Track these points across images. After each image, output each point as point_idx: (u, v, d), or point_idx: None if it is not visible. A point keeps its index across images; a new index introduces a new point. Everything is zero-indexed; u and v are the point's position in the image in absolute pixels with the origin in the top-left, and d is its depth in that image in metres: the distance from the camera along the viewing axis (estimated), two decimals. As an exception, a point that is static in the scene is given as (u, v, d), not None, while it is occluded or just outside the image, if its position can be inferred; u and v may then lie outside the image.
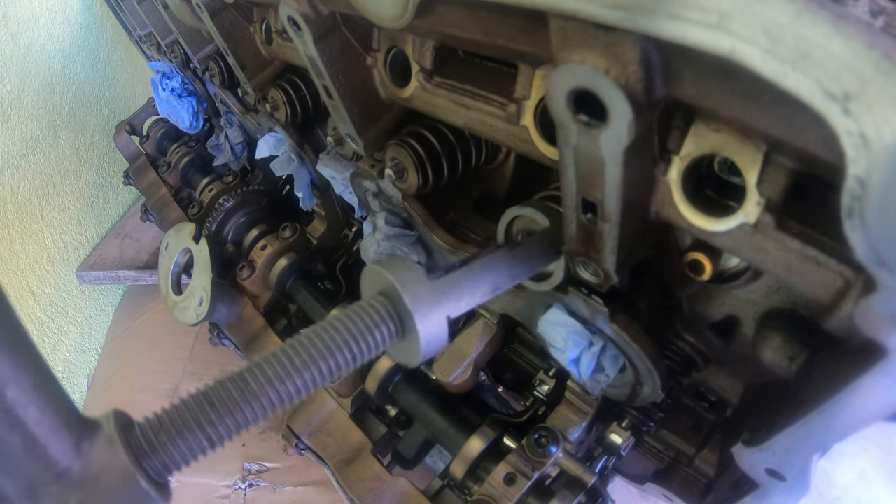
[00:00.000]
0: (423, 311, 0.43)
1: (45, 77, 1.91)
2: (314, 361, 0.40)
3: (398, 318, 0.44)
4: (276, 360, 0.40)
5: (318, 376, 0.40)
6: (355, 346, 0.42)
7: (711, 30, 0.29)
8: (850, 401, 0.40)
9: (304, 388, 0.40)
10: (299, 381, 0.40)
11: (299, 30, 0.64)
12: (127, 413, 0.40)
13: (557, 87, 0.39)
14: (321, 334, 0.41)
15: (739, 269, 0.61)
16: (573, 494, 0.76)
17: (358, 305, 0.44)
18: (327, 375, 0.41)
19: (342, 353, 0.41)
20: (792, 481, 0.54)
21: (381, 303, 0.44)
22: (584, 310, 0.65)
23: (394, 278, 0.43)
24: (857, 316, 0.35)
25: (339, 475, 0.95)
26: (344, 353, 0.41)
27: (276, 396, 0.39)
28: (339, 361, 0.41)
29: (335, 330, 0.42)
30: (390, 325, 0.43)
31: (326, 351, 0.41)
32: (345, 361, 0.41)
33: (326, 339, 0.41)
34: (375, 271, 0.45)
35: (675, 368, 0.74)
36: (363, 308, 0.43)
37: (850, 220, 0.30)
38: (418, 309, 0.42)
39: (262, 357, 0.41)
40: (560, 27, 0.37)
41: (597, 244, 0.52)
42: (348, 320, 0.42)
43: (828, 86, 0.27)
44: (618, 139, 0.38)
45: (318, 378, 0.40)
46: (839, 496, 1.32)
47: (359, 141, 0.77)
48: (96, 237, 2.14)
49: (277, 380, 0.39)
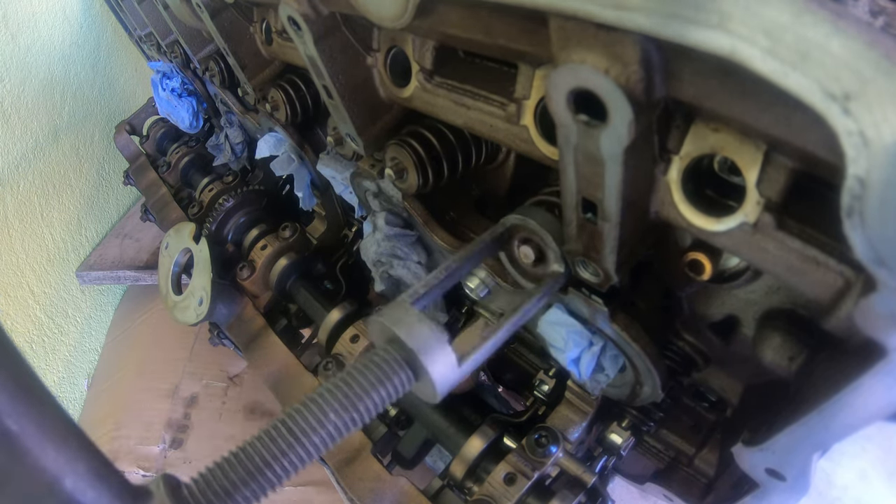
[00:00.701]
0: (430, 354, 0.45)
1: (45, 77, 1.91)
2: (338, 414, 0.43)
3: (408, 364, 0.45)
4: (305, 411, 0.43)
5: (343, 426, 0.43)
6: (375, 394, 0.44)
7: (712, 30, 0.29)
8: (850, 400, 0.40)
9: (331, 439, 0.43)
10: (324, 434, 0.42)
11: (299, 30, 0.64)
12: (174, 476, 0.41)
13: (557, 86, 0.39)
14: (342, 387, 0.44)
15: (739, 268, 0.61)
16: (573, 494, 0.76)
17: (370, 357, 0.46)
18: (352, 424, 0.43)
19: (363, 403, 0.43)
20: (792, 481, 0.54)
21: (390, 352, 0.46)
22: (584, 309, 0.65)
23: (397, 329, 0.45)
24: (857, 316, 0.35)
25: (339, 475, 0.95)
26: (365, 402, 0.43)
27: (305, 451, 0.42)
28: (361, 411, 0.43)
29: (353, 380, 0.44)
30: (403, 373, 0.45)
31: (349, 404, 0.43)
32: (367, 410, 0.44)
33: (347, 392, 0.43)
34: (380, 324, 0.47)
35: (675, 368, 0.74)
36: (374, 360, 0.45)
37: (850, 220, 0.30)
38: (425, 354, 0.44)
39: (289, 410, 0.43)
40: (560, 27, 0.37)
41: (597, 244, 0.52)
42: (367, 369, 0.45)
43: (828, 86, 0.27)
44: (618, 139, 0.38)
45: (343, 428, 0.43)
46: (839, 496, 1.32)
47: (359, 141, 0.77)
48: (96, 237, 2.15)
49: (310, 431, 0.42)
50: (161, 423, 1.58)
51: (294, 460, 0.41)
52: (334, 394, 0.43)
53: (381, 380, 0.44)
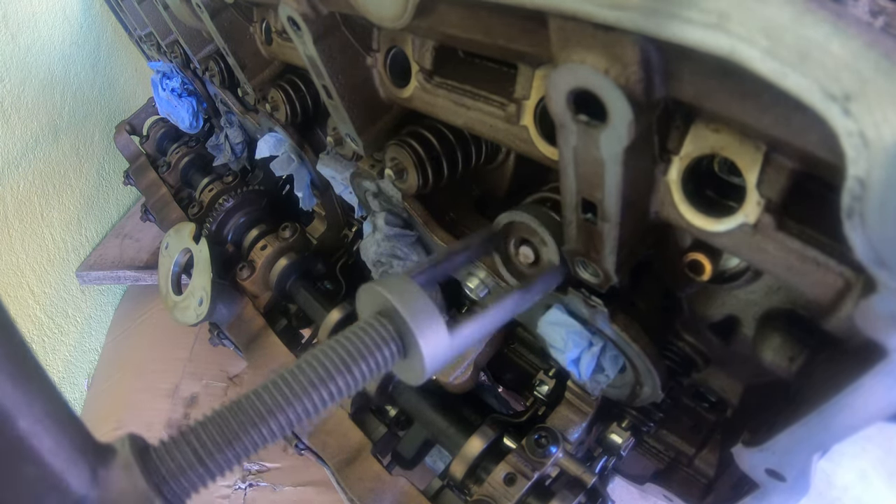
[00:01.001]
0: (424, 328, 0.42)
1: (45, 77, 1.91)
2: (315, 386, 0.40)
3: (399, 337, 0.43)
4: (281, 383, 0.40)
5: (319, 401, 0.40)
6: (356, 368, 0.41)
7: (711, 30, 0.29)
8: (851, 401, 0.40)
9: (307, 412, 0.40)
10: (300, 407, 0.40)
11: (299, 30, 0.64)
12: (142, 436, 0.39)
13: (557, 87, 0.39)
14: (321, 358, 0.41)
15: (739, 269, 0.61)
16: (573, 494, 0.76)
17: (358, 326, 0.43)
18: (329, 399, 0.41)
19: (344, 377, 0.41)
20: (792, 481, 0.54)
21: (382, 323, 0.43)
22: (583, 310, 0.65)
23: (393, 297, 0.42)
24: (857, 316, 0.35)
25: (339, 475, 0.95)
26: (345, 377, 0.41)
27: (285, 419, 0.40)
28: (340, 385, 0.41)
29: (335, 352, 0.41)
30: (392, 345, 0.43)
31: (326, 376, 0.41)
32: (346, 385, 0.41)
33: (327, 364, 0.41)
34: (375, 293, 0.44)
35: (675, 369, 0.74)
36: (364, 329, 0.43)
37: (850, 221, 0.30)
38: (419, 326, 0.42)
39: (269, 380, 0.41)
40: (560, 27, 0.37)
41: (597, 244, 0.52)
42: (349, 342, 0.42)
43: (827, 86, 0.27)
44: (618, 139, 0.38)
45: (320, 403, 0.40)
46: (839, 497, 1.32)
47: (359, 141, 0.77)
48: (96, 237, 2.15)
49: (285, 403, 0.40)
50: (161, 423, 1.58)
51: (273, 429, 0.39)
52: (314, 366, 0.40)
53: (370, 350, 0.41)
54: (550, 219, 0.59)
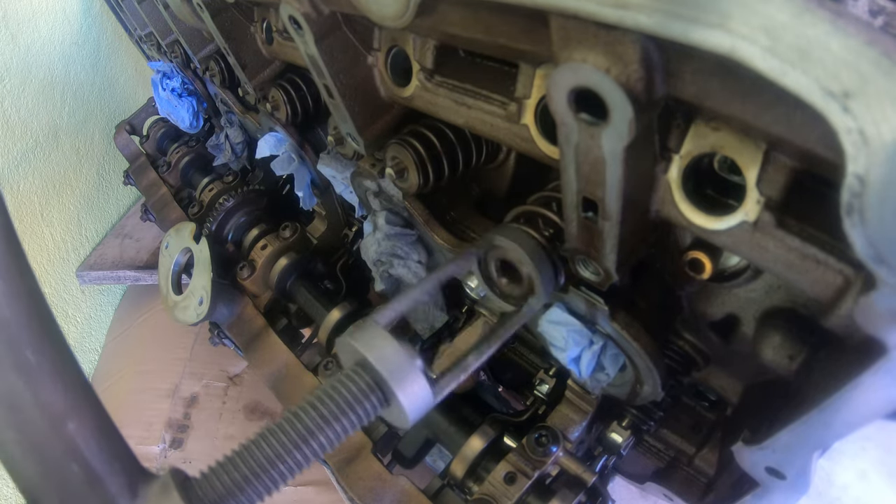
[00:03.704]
0: (400, 377, 0.43)
1: (45, 77, 1.91)
2: (314, 434, 0.43)
3: (378, 388, 0.44)
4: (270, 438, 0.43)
5: (303, 459, 0.43)
6: (345, 419, 0.43)
7: (712, 28, 0.29)
8: (851, 398, 0.40)
9: (291, 470, 0.43)
10: (300, 455, 0.43)
11: (300, 29, 0.64)
12: (183, 471, 0.42)
13: (558, 86, 0.39)
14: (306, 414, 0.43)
15: (739, 267, 0.62)
16: (573, 493, 0.76)
17: (338, 380, 0.44)
18: (327, 446, 0.43)
19: (332, 428, 0.43)
20: (792, 480, 0.55)
21: (360, 376, 0.44)
22: (584, 309, 0.65)
23: (366, 351, 0.43)
24: (857, 313, 0.35)
25: (339, 474, 0.95)
26: (334, 428, 0.43)
27: (287, 467, 0.43)
28: (330, 436, 0.43)
29: (323, 405, 0.44)
30: (372, 397, 0.44)
31: (316, 428, 0.43)
32: (336, 435, 0.43)
33: (322, 412, 0.43)
34: (350, 346, 0.45)
35: (675, 367, 0.74)
36: (343, 383, 0.44)
37: (850, 218, 0.30)
38: (395, 377, 0.43)
39: (263, 433, 0.43)
40: (561, 26, 0.37)
41: (597, 243, 0.52)
42: (331, 397, 0.44)
43: (827, 84, 0.27)
44: (619, 138, 0.38)
45: (304, 461, 0.43)
46: (839, 496, 1.32)
47: (359, 140, 0.77)
48: (96, 237, 2.15)
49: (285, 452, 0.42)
50: (161, 423, 1.58)
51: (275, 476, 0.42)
52: (296, 422, 0.43)
53: (350, 405, 0.43)
54: (529, 241, 0.59)
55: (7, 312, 0.36)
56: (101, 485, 0.38)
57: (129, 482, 0.39)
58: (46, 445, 0.36)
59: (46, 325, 0.39)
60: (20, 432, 0.36)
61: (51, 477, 0.36)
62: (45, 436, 0.36)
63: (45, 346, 0.38)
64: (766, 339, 0.57)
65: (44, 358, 0.37)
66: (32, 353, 0.37)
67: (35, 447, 0.36)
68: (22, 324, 0.37)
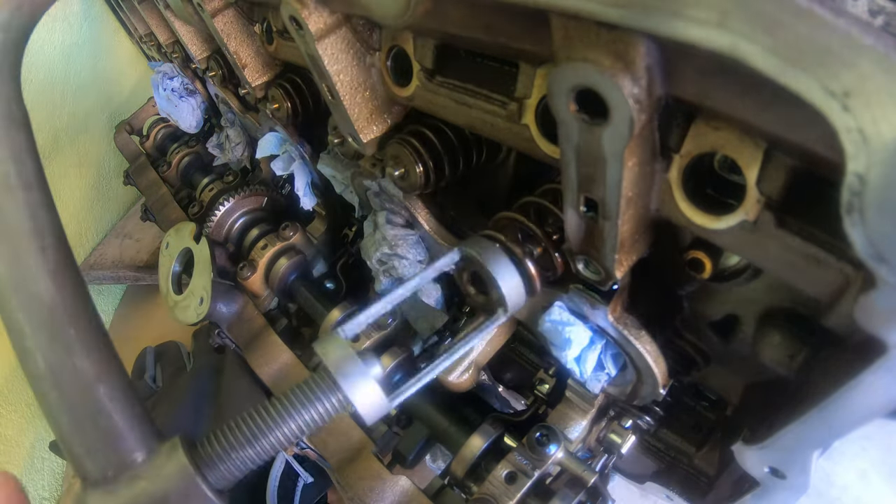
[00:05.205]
0: (352, 383, 0.49)
1: (45, 77, 1.91)
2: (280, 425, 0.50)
3: (338, 390, 0.50)
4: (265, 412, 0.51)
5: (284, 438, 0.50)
6: (307, 414, 0.50)
7: (712, 27, 0.29)
8: (851, 397, 0.40)
9: (286, 439, 0.50)
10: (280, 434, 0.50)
11: (301, 29, 0.64)
12: (190, 435, 0.50)
13: (559, 85, 0.39)
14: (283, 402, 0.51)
15: (739, 267, 0.62)
16: (574, 493, 0.76)
17: (305, 380, 0.52)
18: (299, 433, 0.50)
19: (301, 418, 0.50)
20: (792, 479, 0.55)
21: (322, 378, 0.51)
22: (584, 308, 0.65)
23: (325, 359, 0.50)
24: (857, 312, 0.35)
25: (339, 474, 0.96)
26: (297, 422, 0.50)
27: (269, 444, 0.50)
28: (300, 424, 0.50)
29: (293, 398, 0.51)
30: (332, 397, 0.50)
31: (288, 416, 0.50)
32: (298, 429, 0.50)
33: (288, 407, 0.50)
34: (316, 353, 0.53)
35: (675, 367, 0.74)
36: (307, 383, 0.51)
37: (850, 217, 0.30)
38: (347, 383, 0.49)
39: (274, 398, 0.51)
40: (562, 25, 0.38)
41: (597, 242, 0.52)
42: (296, 394, 0.51)
43: (827, 83, 0.27)
44: (619, 137, 0.39)
45: (293, 433, 0.50)
46: (839, 496, 1.32)
47: (360, 140, 0.77)
48: (96, 237, 2.15)
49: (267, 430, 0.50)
50: (161, 422, 1.58)
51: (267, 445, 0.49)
52: (272, 409, 0.50)
53: (311, 402, 0.50)
54: (493, 251, 0.60)
55: (57, 298, 0.45)
56: (122, 439, 0.46)
57: (145, 440, 0.47)
58: (80, 404, 0.45)
59: (86, 306, 0.48)
60: (60, 392, 0.45)
61: (82, 429, 0.45)
62: (79, 396, 0.45)
63: (83, 323, 0.47)
64: (767, 339, 0.58)
65: (81, 333, 0.46)
66: (74, 329, 0.46)
67: (71, 405, 0.45)
68: (67, 306, 0.46)
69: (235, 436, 0.49)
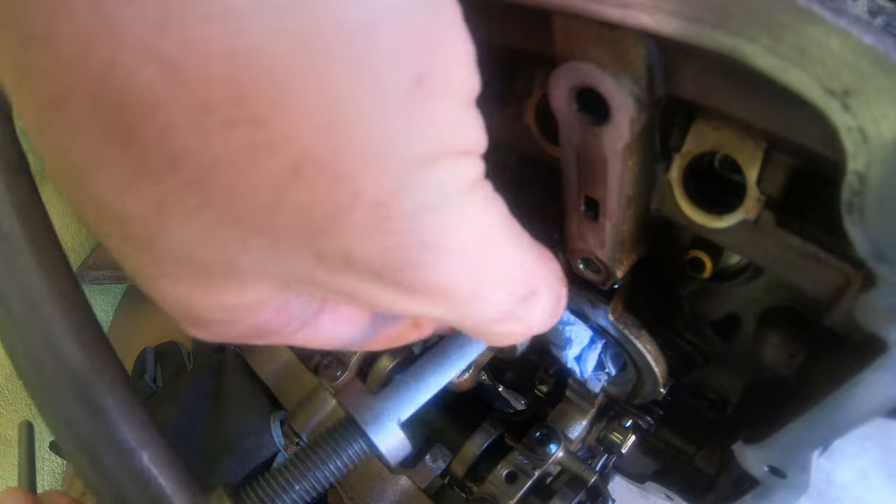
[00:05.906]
0: (376, 426, 0.49)
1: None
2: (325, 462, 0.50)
3: (360, 437, 0.50)
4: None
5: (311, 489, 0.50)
6: (332, 464, 0.50)
7: (713, 27, 0.29)
8: (851, 396, 0.40)
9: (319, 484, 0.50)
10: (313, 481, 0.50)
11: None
12: (231, 483, 0.51)
13: (560, 84, 0.39)
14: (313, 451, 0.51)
15: (740, 266, 0.62)
16: (574, 493, 0.76)
17: (327, 431, 0.52)
18: (331, 478, 0.50)
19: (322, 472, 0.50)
20: (792, 478, 0.55)
21: (343, 426, 0.51)
22: (585, 307, 0.65)
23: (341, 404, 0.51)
24: (857, 311, 0.35)
25: (339, 474, 0.96)
26: (324, 472, 0.50)
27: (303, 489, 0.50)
28: (331, 471, 0.50)
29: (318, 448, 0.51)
30: (355, 445, 0.50)
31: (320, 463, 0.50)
32: (325, 479, 0.50)
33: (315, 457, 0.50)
34: None
35: (675, 366, 0.74)
36: (330, 434, 0.51)
37: (850, 216, 0.30)
38: (370, 426, 0.49)
39: None
40: (564, 25, 0.38)
41: (598, 241, 0.52)
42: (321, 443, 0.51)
43: (827, 82, 0.28)
44: (620, 137, 0.39)
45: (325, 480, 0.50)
46: (839, 496, 1.32)
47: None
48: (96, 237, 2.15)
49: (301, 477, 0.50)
50: (161, 422, 1.58)
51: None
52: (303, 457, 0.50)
53: (336, 451, 0.50)
54: None
55: (90, 374, 0.45)
56: (171, 501, 0.46)
57: (193, 496, 0.48)
58: (124, 476, 0.45)
59: (116, 373, 0.47)
60: (100, 469, 0.44)
61: (131, 501, 0.45)
62: (122, 468, 0.45)
63: (114, 392, 0.46)
64: (767, 338, 0.58)
65: (114, 402, 0.45)
66: (103, 398, 0.45)
67: (114, 479, 0.45)
68: (95, 379, 0.45)
69: (274, 485, 0.49)
